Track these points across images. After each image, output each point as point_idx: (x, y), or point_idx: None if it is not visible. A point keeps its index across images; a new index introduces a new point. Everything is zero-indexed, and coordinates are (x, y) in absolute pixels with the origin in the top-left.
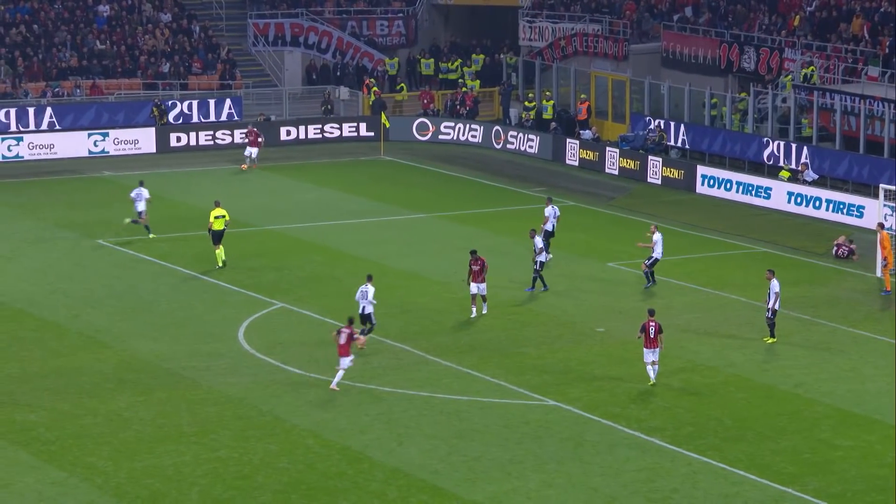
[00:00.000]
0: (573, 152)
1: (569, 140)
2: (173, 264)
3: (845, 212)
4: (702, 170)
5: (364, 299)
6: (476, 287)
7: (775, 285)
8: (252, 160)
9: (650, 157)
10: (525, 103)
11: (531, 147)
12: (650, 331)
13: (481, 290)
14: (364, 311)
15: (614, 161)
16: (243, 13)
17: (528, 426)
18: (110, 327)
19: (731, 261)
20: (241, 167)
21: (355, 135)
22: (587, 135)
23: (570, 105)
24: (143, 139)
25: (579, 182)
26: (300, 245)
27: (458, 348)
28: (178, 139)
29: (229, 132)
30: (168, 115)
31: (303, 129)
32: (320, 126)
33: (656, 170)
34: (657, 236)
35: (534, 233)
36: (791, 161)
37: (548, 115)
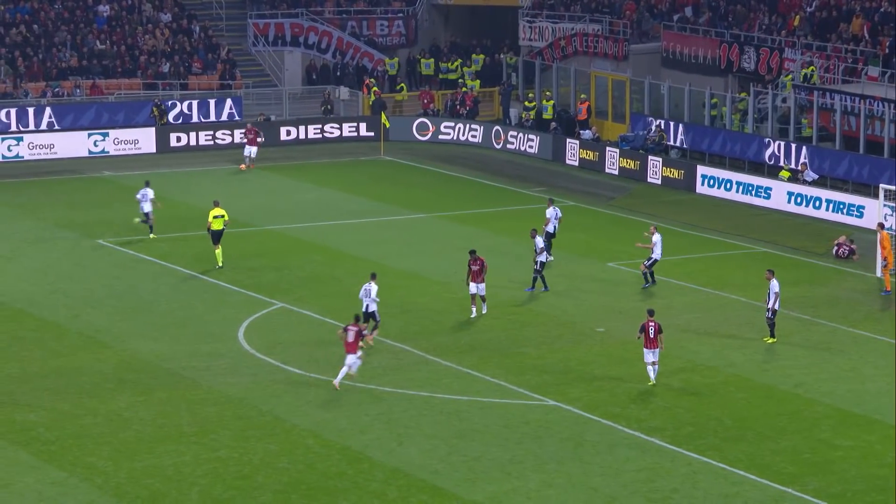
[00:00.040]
0: (573, 152)
1: (569, 140)
2: (173, 264)
3: (845, 212)
4: (702, 170)
5: (367, 297)
6: (475, 287)
7: (775, 285)
8: (251, 160)
9: (650, 157)
10: (525, 103)
11: (531, 147)
12: (650, 331)
13: (480, 290)
14: (367, 308)
15: (614, 161)
16: (243, 13)
17: (528, 426)
18: (110, 327)
19: (731, 261)
20: (240, 167)
21: (355, 135)
22: (587, 135)
23: (570, 105)
24: (143, 139)
25: (579, 182)
26: (300, 245)
27: (458, 348)
28: (178, 139)
29: (229, 132)
30: (168, 115)
31: (303, 129)
32: (320, 126)
33: (656, 170)
34: (657, 237)
35: (534, 232)
36: (791, 161)
37: (548, 115)
